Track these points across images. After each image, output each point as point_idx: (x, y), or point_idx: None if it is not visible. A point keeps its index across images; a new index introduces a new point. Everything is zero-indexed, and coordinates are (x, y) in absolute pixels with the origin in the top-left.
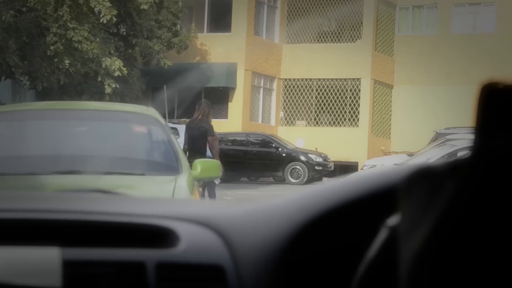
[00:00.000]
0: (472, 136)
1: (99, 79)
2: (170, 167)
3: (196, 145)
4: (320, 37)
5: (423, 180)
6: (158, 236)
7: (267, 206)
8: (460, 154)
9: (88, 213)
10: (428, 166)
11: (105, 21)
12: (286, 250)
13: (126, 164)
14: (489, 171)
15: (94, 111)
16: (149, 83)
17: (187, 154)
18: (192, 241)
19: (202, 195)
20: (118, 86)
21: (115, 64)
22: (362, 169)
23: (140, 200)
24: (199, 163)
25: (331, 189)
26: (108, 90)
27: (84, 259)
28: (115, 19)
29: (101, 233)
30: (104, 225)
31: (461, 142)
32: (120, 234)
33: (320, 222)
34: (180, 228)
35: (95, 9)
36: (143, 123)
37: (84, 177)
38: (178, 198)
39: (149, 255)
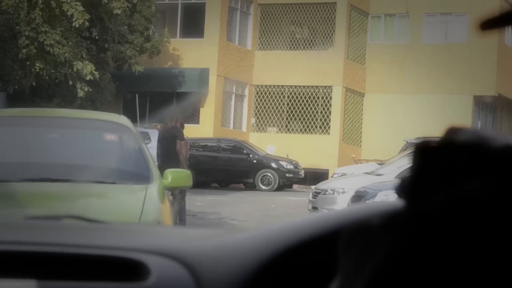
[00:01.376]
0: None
1: (71, 83)
2: (141, 176)
3: (170, 152)
4: (292, 44)
5: (359, 235)
6: (130, 269)
7: (233, 241)
8: None
9: (63, 246)
10: (364, 221)
11: (77, 25)
12: (251, 284)
13: (97, 173)
14: (420, 228)
15: (66, 118)
16: (120, 87)
17: (160, 162)
18: (162, 274)
19: (180, 203)
20: (90, 90)
21: (86, 68)
22: (332, 176)
23: (113, 230)
24: (169, 172)
25: (295, 225)
26: (80, 93)
27: None
28: (87, 23)
29: (76, 266)
30: (79, 258)
31: None
32: (94, 266)
33: (284, 257)
34: (151, 261)
35: (68, 13)
36: (115, 131)
37: (55, 185)
38: (150, 227)
39: None
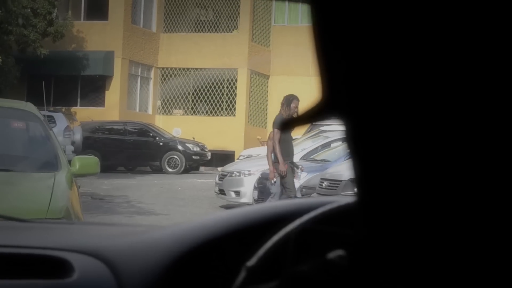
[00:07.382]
0: None
1: None
2: (49, 164)
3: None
4: (197, 26)
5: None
6: (55, 266)
7: (149, 239)
8: (333, 145)
9: None
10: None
11: None
12: (165, 279)
13: (4, 161)
14: None
15: None
16: (24, 71)
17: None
18: (85, 272)
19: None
20: None
21: None
22: (238, 158)
23: (39, 229)
24: (77, 159)
25: (205, 223)
26: None
27: None
28: None
29: (1, 264)
30: (4, 257)
31: (334, 134)
32: (18, 265)
33: (195, 254)
34: (74, 259)
35: None
36: (22, 119)
37: None
38: (75, 225)
39: (45, 285)
